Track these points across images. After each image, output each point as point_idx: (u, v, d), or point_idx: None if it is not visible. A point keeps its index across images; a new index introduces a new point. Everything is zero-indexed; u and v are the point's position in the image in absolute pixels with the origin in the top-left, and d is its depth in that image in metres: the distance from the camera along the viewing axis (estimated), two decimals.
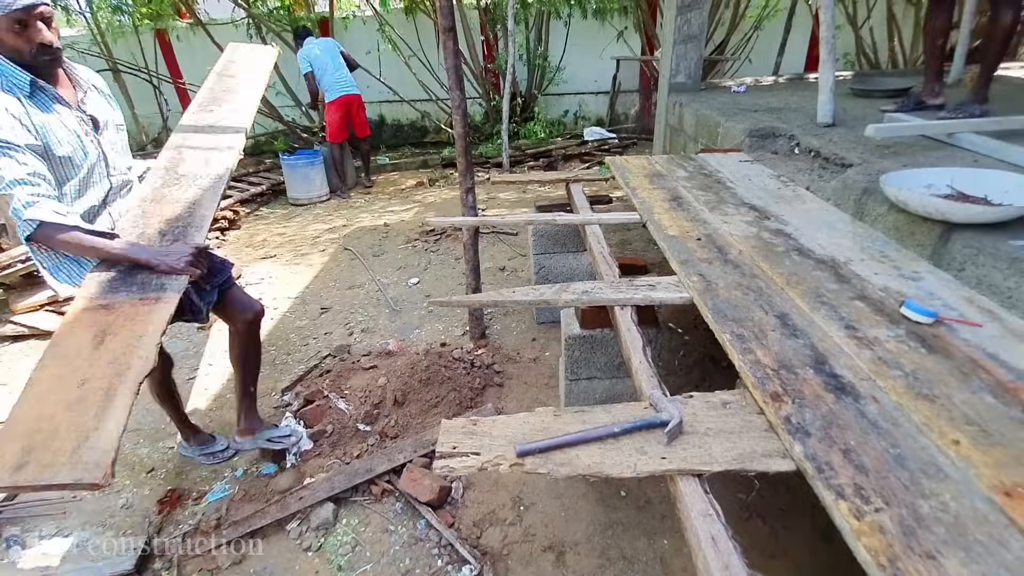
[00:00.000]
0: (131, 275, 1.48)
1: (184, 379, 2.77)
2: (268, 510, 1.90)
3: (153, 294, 1.41)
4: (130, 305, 1.35)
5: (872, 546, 0.78)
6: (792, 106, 3.36)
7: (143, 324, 1.30)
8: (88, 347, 1.21)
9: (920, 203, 1.55)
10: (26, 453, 1.00)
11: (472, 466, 1.01)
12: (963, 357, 1.17)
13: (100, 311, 1.33)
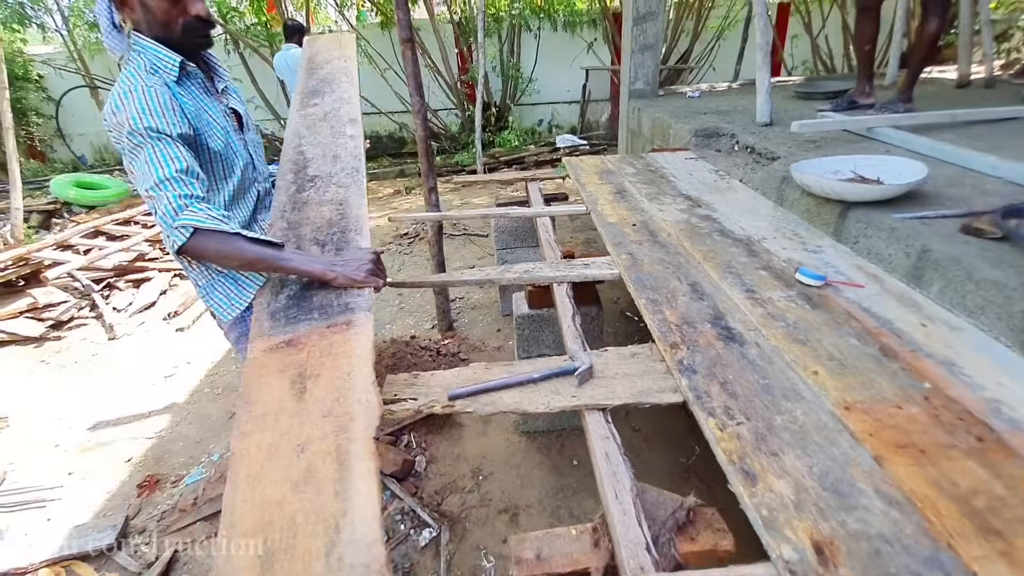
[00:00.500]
0: (305, 298, 1.20)
1: (163, 376, 2.89)
2: None
3: (340, 318, 1.13)
4: (319, 336, 1.08)
5: (728, 448, 0.95)
6: (739, 109, 3.59)
7: (345, 360, 1.02)
8: (290, 400, 0.94)
9: (819, 185, 1.75)
10: (266, 562, 0.71)
11: (410, 408, 1.17)
12: (840, 311, 1.36)
13: (286, 350, 1.06)
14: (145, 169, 1.13)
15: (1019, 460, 0.90)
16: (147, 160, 1.13)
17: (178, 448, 2.34)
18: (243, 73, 6.75)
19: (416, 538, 1.84)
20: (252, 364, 1.03)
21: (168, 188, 1.12)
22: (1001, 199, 1.64)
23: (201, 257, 1.21)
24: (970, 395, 1.05)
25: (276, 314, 1.16)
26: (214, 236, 1.13)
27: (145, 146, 1.13)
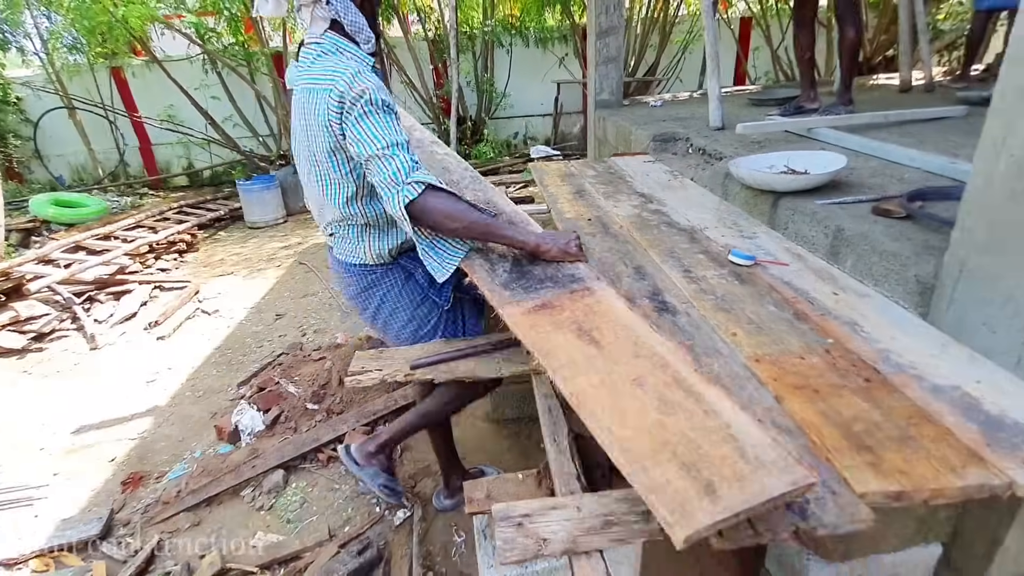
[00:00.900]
0: (524, 273, 1.23)
1: (145, 382, 2.95)
2: (223, 479, 2.11)
3: (576, 286, 1.14)
4: (568, 300, 1.09)
5: None
6: (696, 116, 3.80)
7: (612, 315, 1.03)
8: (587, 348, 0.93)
9: (751, 178, 1.92)
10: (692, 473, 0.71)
11: (375, 377, 1.29)
12: (764, 285, 1.51)
13: (544, 311, 1.06)
14: (378, 132, 1.21)
15: (898, 395, 1.05)
16: (382, 125, 1.22)
17: (161, 447, 2.42)
18: (221, 92, 6.87)
19: (391, 518, 1.94)
20: (519, 326, 1.02)
21: (401, 151, 1.22)
22: (913, 185, 1.83)
23: (424, 214, 1.22)
24: (866, 347, 1.20)
25: (508, 284, 1.18)
26: (443, 195, 1.22)
27: (380, 113, 1.23)
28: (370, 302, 1.52)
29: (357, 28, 1.32)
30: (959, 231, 1.18)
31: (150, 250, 4.70)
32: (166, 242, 4.88)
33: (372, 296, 1.51)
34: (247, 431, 2.39)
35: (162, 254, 4.82)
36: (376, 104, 1.24)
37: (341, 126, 1.26)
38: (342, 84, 1.23)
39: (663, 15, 7.33)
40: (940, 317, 1.25)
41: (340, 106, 1.24)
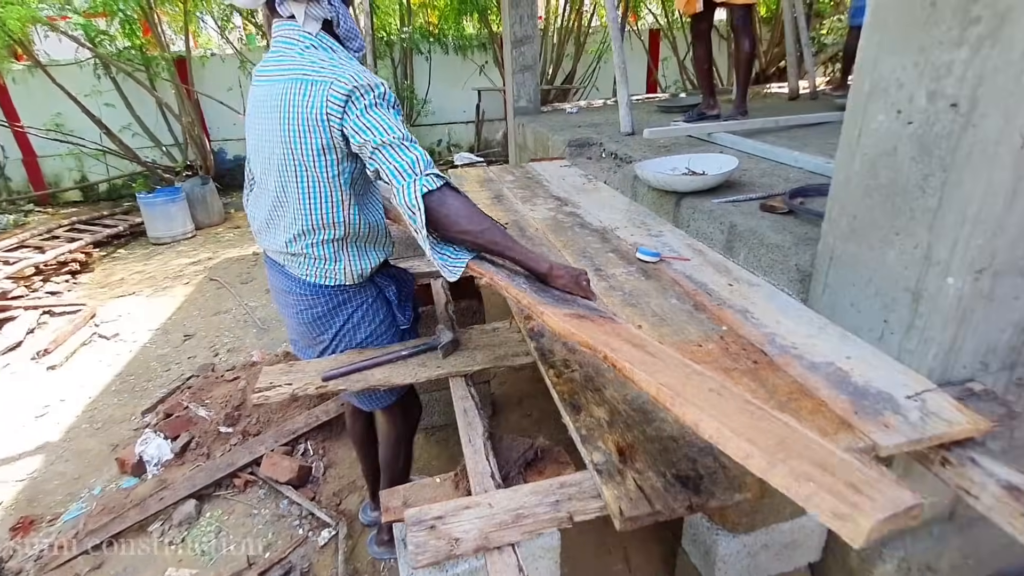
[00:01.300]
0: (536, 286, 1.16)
1: (34, 416, 2.67)
2: (127, 515, 1.94)
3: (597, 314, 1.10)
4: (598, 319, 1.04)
5: (563, 391, 1.13)
6: (609, 122, 3.96)
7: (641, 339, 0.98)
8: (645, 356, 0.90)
9: (655, 179, 2.03)
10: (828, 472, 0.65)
11: (284, 392, 1.24)
12: (668, 279, 1.60)
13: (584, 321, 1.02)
14: (389, 124, 1.14)
15: (781, 373, 1.15)
16: (392, 118, 1.16)
17: (54, 487, 2.19)
18: (116, 99, 6.36)
19: (315, 539, 1.86)
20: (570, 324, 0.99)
21: (416, 146, 1.14)
22: (796, 184, 2.00)
23: (440, 208, 1.11)
24: (755, 332, 1.30)
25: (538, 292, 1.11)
26: (460, 195, 1.13)
27: (387, 109, 1.17)
28: (333, 323, 1.38)
29: (352, 34, 1.27)
30: (827, 223, 1.31)
31: (37, 272, 4.26)
32: (56, 262, 4.44)
33: (338, 316, 1.37)
34: (153, 461, 2.22)
35: (51, 276, 4.38)
36: (390, 100, 1.18)
37: (342, 119, 1.15)
38: (347, 76, 1.14)
39: (577, 25, 7.58)
40: (817, 301, 1.38)
41: (345, 98, 1.14)
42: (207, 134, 7.17)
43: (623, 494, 0.86)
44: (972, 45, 0.94)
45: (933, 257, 1.07)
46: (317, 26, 1.20)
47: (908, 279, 1.12)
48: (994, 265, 1.03)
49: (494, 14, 7.33)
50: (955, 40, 0.97)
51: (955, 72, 0.98)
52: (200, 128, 6.85)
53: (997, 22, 0.90)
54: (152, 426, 2.39)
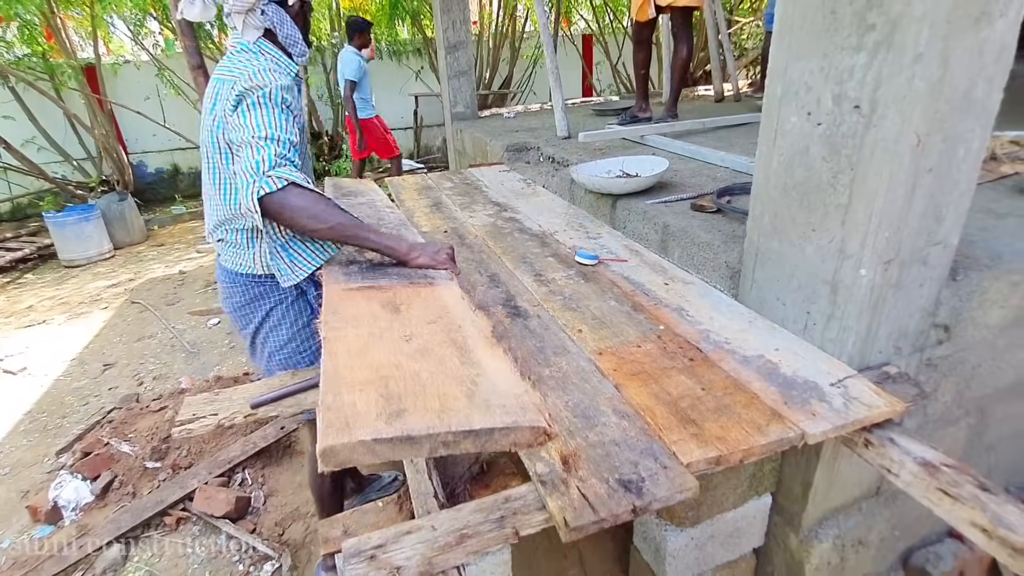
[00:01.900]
0: (378, 269, 1.20)
1: None
2: (42, 568, 1.77)
3: (422, 280, 1.15)
4: (402, 287, 1.08)
5: None
6: (546, 126, 4.00)
7: (437, 300, 1.01)
8: (384, 313, 0.93)
9: (590, 183, 2.06)
10: (391, 401, 0.71)
11: (209, 424, 1.16)
12: (607, 281, 1.62)
13: (368, 291, 1.04)
14: (259, 122, 1.17)
15: (716, 369, 1.18)
16: (265, 116, 1.18)
17: None
18: (16, 110, 5.84)
19: (257, 573, 1.76)
20: (332, 297, 1.00)
21: (273, 145, 1.16)
22: (723, 183, 2.08)
23: (282, 210, 1.15)
24: (691, 329, 1.34)
25: (351, 275, 1.16)
26: (306, 193, 1.16)
27: (268, 107, 1.19)
28: (253, 317, 1.43)
29: (292, 40, 1.34)
30: (751, 221, 1.37)
31: None
32: None
33: (256, 310, 1.42)
34: (71, 506, 2.03)
35: None
36: (272, 99, 1.21)
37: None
38: (245, 77, 1.22)
39: (512, 30, 7.64)
40: (746, 296, 1.43)
41: (239, 97, 1.21)
42: (124, 146, 6.72)
43: (567, 504, 0.85)
44: (870, 50, 1.00)
45: (846, 250, 1.12)
46: (256, 34, 1.31)
47: (826, 272, 1.18)
48: (900, 256, 1.10)
49: (427, 19, 7.27)
50: (854, 46, 1.03)
51: (856, 76, 1.03)
52: (116, 140, 6.40)
53: (889, 28, 0.96)
54: (68, 467, 2.19)
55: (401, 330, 0.87)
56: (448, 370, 0.78)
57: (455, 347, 0.84)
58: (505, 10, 7.39)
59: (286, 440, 2.24)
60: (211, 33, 6.48)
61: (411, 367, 0.77)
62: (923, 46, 0.93)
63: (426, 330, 0.88)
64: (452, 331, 0.88)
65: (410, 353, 0.81)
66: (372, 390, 0.72)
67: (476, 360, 0.80)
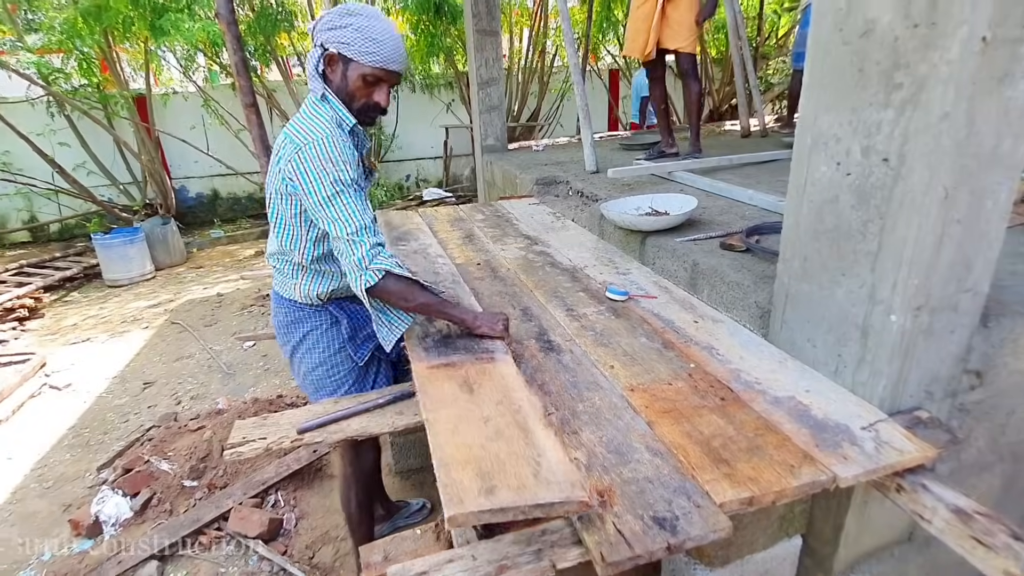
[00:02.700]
0: (448, 342, 1.43)
1: None
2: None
3: (484, 355, 1.36)
4: (471, 364, 1.31)
5: None
6: (574, 159, 4.09)
7: (499, 376, 1.25)
8: (462, 395, 1.16)
9: (620, 219, 2.12)
10: (485, 479, 0.90)
11: (258, 447, 1.22)
12: (637, 317, 1.66)
13: (445, 369, 1.27)
14: (345, 216, 1.32)
15: (747, 409, 1.20)
16: (347, 207, 1.32)
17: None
18: (71, 137, 6.21)
19: None
20: (420, 376, 1.24)
21: (365, 236, 1.33)
22: (752, 222, 2.11)
23: (383, 294, 1.37)
24: (721, 368, 1.36)
25: (428, 349, 1.38)
26: (400, 280, 1.35)
27: (345, 194, 1.33)
28: (291, 337, 1.60)
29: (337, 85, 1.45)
30: (781, 263, 1.40)
31: None
32: (1, 309, 4.23)
33: (294, 332, 1.59)
34: (111, 521, 2.11)
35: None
36: (340, 183, 1.33)
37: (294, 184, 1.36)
38: (309, 154, 1.32)
39: (540, 65, 7.87)
40: (776, 336, 1.46)
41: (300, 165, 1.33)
42: (168, 172, 7.05)
43: (603, 539, 0.88)
44: (897, 108, 1.05)
45: (876, 296, 1.15)
46: (320, 90, 1.41)
47: (856, 316, 1.21)
48: (930, 303, 1.12)
49: (459, 55, 7.54)
50: (882, 102, 1.08)
51: (884, 130, 1.08)
52: (161, 166, 6.73)
53: (916, 88, 1.01)
54: (109, 483, 2.28)
55: (479, 412, 1.10)
56: (517, 450, 0.99)
57: (519, 428, 1.05)
58: (534, 47, 7.62)
59: (317, 463, 2.30)
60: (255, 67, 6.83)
61: (492, 448, 1.00)
62: (949, 105, 0.97)
63: (496, 411, 1.11)
64: (515, 412, 1.11)
65: (489, 435, 1.03)
66: (470, 469, 0.94)
67: (536, 442, 1.01)
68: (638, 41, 3.29)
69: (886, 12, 1.04)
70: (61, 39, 5.56)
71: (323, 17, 1.38)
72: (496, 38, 4.56)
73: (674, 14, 3.15)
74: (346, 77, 1.39)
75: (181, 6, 5.41)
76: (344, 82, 1.40)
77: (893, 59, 1.04)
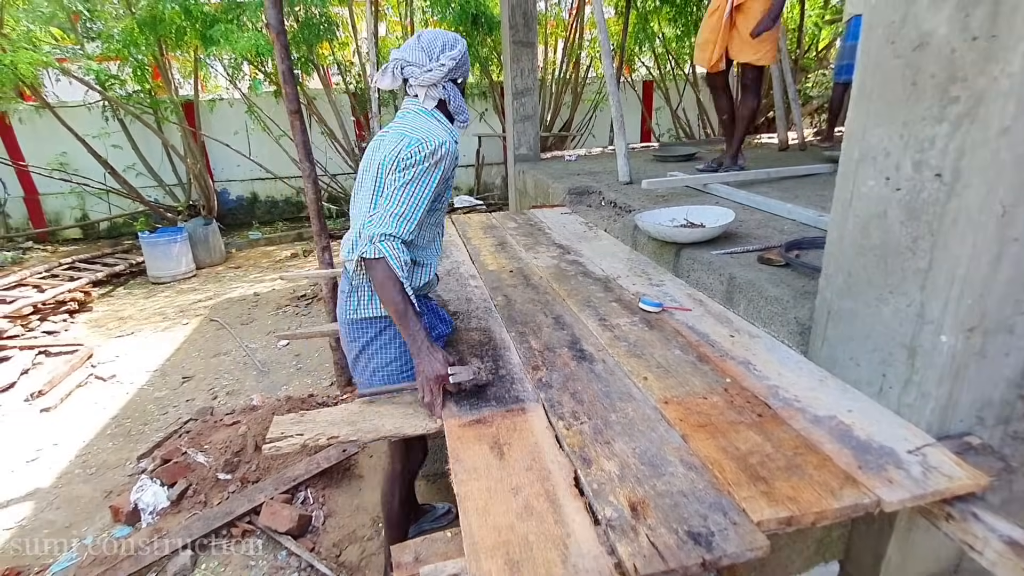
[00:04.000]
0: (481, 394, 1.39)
1: (25, 461, 2.63)
2: (120, 566, 1.90)
3: (515, 406, 1.32)
4: (501, 418, 1.28)
5: (572, 443, 1.15)
6: (607, 170, 4.08)
7: (528, 433, 1.21)
8: (493, 460, 1.14)
9: (656, 231, 2.10)
10: (513, 569, 0.88)
11: (296, 443, 1.25)
12: (671, 330, 1.64)
13: (477, 427, 1.26)
14: (407, 197, 1.35)
15: (785, 427, 1.18)
16: (415, 194, 1.35)
17: (43, 535, 2.14)
18: (123, 139, 6.51)
19: None
20: (452, 436, 1.24)
21: (396, 223, 1.33)
22: (791, 236, 2.07)
23: (367, 272, 1.35)
24: (758, 384, 1.34)
25: (460, 402, 1.35)
26: (389, 272, 1.32)
27: (418, 183, 1.36)
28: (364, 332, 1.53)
29: (459, 110, 1.53)
30: (824, 279, 1.37)
31: (34, 311, 4.26)
32: (54, 301, 4.44)
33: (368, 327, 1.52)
34: (149, 509, 2.18)
35: (49, 315, 4.37)
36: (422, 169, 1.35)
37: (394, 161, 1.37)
38: (415, 141, 1.36)
39: (575, 76, 7.89)
40: (817, 353, 1.42)
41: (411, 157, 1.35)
42: (211, 175, 7.31)
43: (636, 551, 0.88)
44: (952, 122, 1.02)
45: (926, 315, 1.12)
46: (432, 103, 1.47)
47: (903, 336, 1.17)
48: (984, 324, 1.08)
49: (495, 64, 7.63)
50: (936, 117, 1.05)
51: (938, 145, 1.05)
52: (205, 169, 6.98)
53: (974, 102, 0.98)
54: (148, 472, 2.36)
55: (509, 481, 1.08)
56: (547, 530, 0.96)
57: (549, 501, 1.02)
58: (569, 58, 7.66)
59: (346, 463, 2.33)
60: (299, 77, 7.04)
61: (521, 530, 0.97)
62: (1009, 119, 0.94)
63: (526, 479, 1.08)
64: (544, 480, 1.07)
65: (519, 511, 1.00)
66: (499, 557, 0.92)
67: (565, 519, 0.98)
68: (706, 51, 3.26)
69: (942, 25, 1.02)
70: (118, 47, 5.84)
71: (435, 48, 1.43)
72: (532, 49, 4.60)
73: (743, 26, 3.10)
74: (461, 96, 1.52)
75: (231, 17, 5.63)
76: (458, 100, 1.51)
77: (949, 72, 1.02)
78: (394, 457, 1.68)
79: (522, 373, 1.46)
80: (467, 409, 1.32)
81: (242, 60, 6.63)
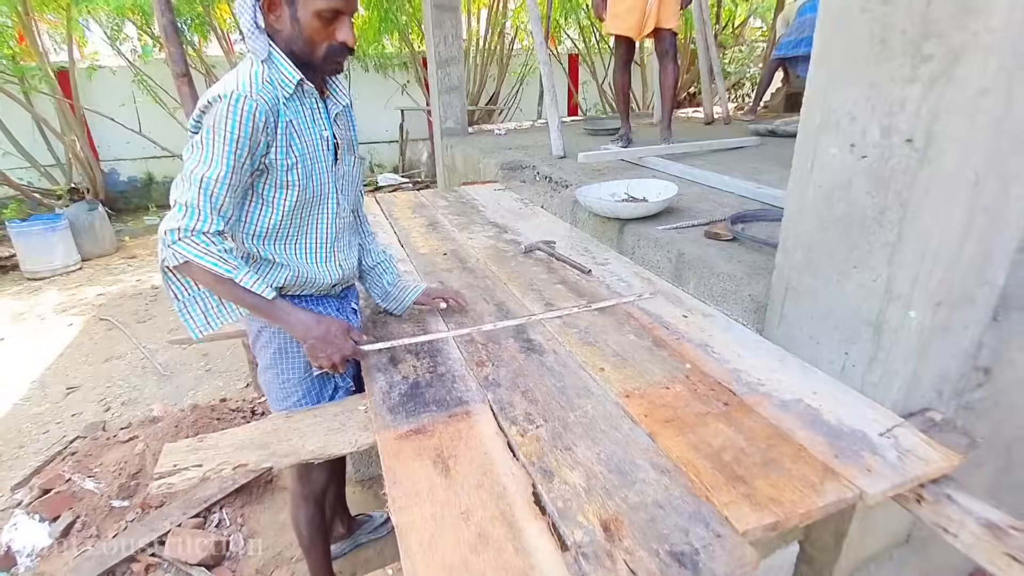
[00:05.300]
0: (417, 395, 1.20)
1: None
2: None
3: (458, 409, 1.15)
4: (443, 425, 1.11)
5: (528, 451, 1.00)
6: (539, 144, 3.94)
7: (476, 442, 1.05)
8: (438, 479, 0.97)
9: (598, 206, 1.98)
10: None
11: (194, 477, 1.02)
12: (623, 313, 1.53)
13: (416, 438, 1.07)
14: (199, 158, 1.08)
15: (754, 415, 1.09)
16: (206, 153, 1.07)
17: None
18: None
19: None
20: (386, 451, 1.06)
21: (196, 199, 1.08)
22: (732, 209, 2.02)
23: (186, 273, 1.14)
24: (719, 368, 1.25)
25: (394, 408, 1.17)
26: (205, 273, 1.10)
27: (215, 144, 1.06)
28: (251, 327, 1.35)
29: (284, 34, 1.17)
30: (782, 254, 1.30)
31: None
32: None
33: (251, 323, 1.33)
34: (26, 551, 1.84)
35: None
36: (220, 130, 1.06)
37: None
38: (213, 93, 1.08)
39: (500, 47, 7.64)
40: (773, 332, 1.36)
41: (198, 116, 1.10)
42: (95, 153, 6.46)
43: None
44: (925, 83, 0.94)
45: (894, 290, 1.06)
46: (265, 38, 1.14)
47: (868, 312, 1.11)
48: (951, 297, 1.03)
49: (415, 33, 7.22)
50: (907, 77, 0.97)
51: (908, 108, 0.98)
52: (87, 147, 6.15)
53: (950, 61, 0.91)
54: (24, 506, 1.99)
55: (457, 503, 0.92)
56: (506, 562, 0.81)
57: (507, 525, 0.88)
58: (493, 28, 7.38)
59: (267, 475, 2.08)
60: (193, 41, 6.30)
61: (477, 566, 0.80)
62: (988, 80, 0.87)
63: (477, 499, 0.93)
64: (499, 498, 0.93)
65: (471, 542, 0.85)
66: None
67: (527, 546, 0.84)
68: (632, 19, 3.07)
69: None
70: None
71: None
72: (456, 14, 4.33)
73: None
74: (297, 21, 1.12)
75: None
76: (296, 28, 1.12)
77: (922, 28, 0.94)
78: (297, 477, 1.43)
79: (464, 370, 1.29)
80: (403, 417, 1.13)
81: (123, 20, 5.83)
